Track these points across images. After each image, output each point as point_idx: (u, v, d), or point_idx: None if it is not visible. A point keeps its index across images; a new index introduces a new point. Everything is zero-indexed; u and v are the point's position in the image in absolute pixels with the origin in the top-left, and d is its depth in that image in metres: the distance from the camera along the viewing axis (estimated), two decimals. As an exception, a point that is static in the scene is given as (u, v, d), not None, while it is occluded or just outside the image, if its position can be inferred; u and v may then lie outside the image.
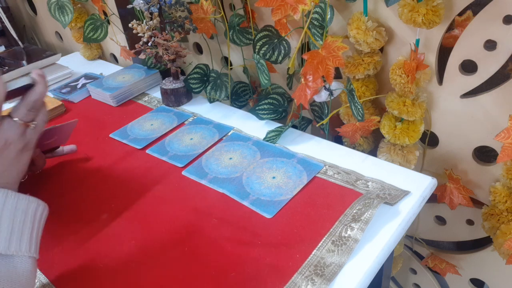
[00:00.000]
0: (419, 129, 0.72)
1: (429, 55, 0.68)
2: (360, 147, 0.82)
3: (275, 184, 0.65)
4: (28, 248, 0.46)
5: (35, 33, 1.54)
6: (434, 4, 0.59)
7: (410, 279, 1.05)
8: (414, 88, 0.67)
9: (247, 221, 0.59)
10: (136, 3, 0.79)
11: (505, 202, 0.68)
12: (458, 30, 0.64)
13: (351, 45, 0.73)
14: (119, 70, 1.06)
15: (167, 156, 0.75)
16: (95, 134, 0.85)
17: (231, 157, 0.73)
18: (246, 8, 0.84)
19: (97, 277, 0.54)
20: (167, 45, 0.85)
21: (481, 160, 0.74)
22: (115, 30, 1.10)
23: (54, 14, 1.05)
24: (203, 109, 0.90)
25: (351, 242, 0.53)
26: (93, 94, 1.01)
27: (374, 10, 0.70)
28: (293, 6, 0.62)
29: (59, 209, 0.66)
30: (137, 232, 0.60)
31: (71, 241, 0.60)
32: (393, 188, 0.62)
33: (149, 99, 0.97)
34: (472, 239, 0.83)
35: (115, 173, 0.73)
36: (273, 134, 0.76)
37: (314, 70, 0.63)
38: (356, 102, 0.67)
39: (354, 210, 0.58)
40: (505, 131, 0.58)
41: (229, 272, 0.52)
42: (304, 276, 0.50)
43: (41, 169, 0.72)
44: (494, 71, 0.63)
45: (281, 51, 0.78)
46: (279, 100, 0.83)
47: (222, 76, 0.90)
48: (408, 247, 0.98)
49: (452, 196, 0.77)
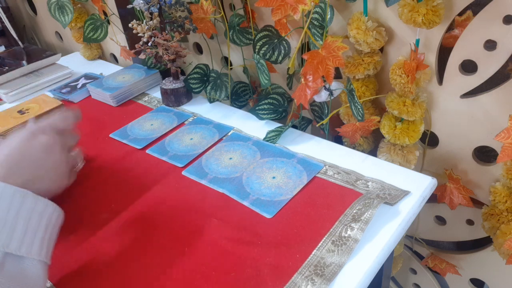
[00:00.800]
0: (419, 129, 0.72)
1: (429, 55, 0.68)
2: (360, 147, 0.82)
3: (275, 184, 0.65)
4: (39, 251, 0.46)
5: (35, 33, 1.54)
6: (434, 4, 0.59)
7: (410, 279, 1.05)
8: (414, 88, 0.67)
9: (247, 221, 0.59)
10: (136, 3, 0.80)
11: (505, 202, 0.68)
12: (458, 30, 0.64)
13: (351, 45, 0.73)
14: (119, 70, 1.06)
15: (167, 156, 0.75)
16: (95, 134, 0.85)
17: (231, 157, 0.73)
18: (246, 8, 0.84)
19: (97, 277, 0.54)
20: (167, 45, 0.85)
21: (481, 160, 0.74)
22: (115, 30, 1.10)
23: (54, 14, 1.05)
24: (203, 109, 0.90)
25: (351, 242, 0.53)
26: (93, 94, 1.01)
27: (374, 10, 0.70)
28: (293, 6, 0.62)
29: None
30: (137, 232, 0.60)
31: (71, 241, 0.60)
32: (393, 188, 0.62)
33: (149, 99, 0.97)
34: (472, 239, 0.83)
35: (115, 173, 0.73)
36: (273, 134, 0.76)
37: (314, 70, 0.63)
38: (356, 102, 0.67)
39: (354, 210, 0.58)
40: (505, 131, 0.58)
41: (229, 272, 0.52)
42: (304, 276, 0.50)
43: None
44: (494, 71, 0.63)
45: (281, 51, 0.78)
46: (279, 100, 0.83)
47: (222, 76, 0.91)
48: (408, 247, 0.98)
49: (452, 196, 0.77)
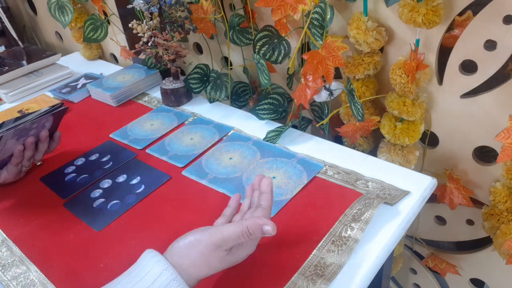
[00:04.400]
0: (419, 129, 0.72)
1: (429, 55, 0.68)
2: (360, 147, 0.82)
3: (275, 184, 0.65)
4: None
5: (35, 33, 1.54)
6: (434, 4, 0.59)
7: (410, 279, 1.05)
8: (414, 88, 0.67)
9: (247, 221, 0.59)
10: (136, 3, 0.80)
11: (505, 202, 0.68)
12: (458, 30, 0.64)
13: (351, 45, 0.73)
14: (119, 70, 1.06)
15: (167, 156, 0.75)
16: (95, 134, 0.85)
17: (231, 157, 0.73)
18: (246, 8, 0.84)
19: (97, 277, 0.54)
20: (167, 45, 0.85)
21: (481, 160, 0.74)
22: (115, 30, 1.10)
23: (54, 14, 1.05)
24: (203, 109, 0.90)
25: (351, 242, 0.53)
26: (93, 94, 1.01)
27: (374, 10, 0.70)
28: (293, 6, 0.62)
29: (60, 209, 0.66)
30: (137, 232, 0.60)
31: (71, 241, 0.60)
32: (393, 188, 0.62)
33: (149, 99, 0.97)
34: (472, 239, 0.83)
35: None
36: (273, 134, 0.76)
37: (314, 70, 0.63)
38: (356, 102, 0.67)
39: (354, 210, 0.58)
40: (505, 131, 0.58)
41: (229, 272, 0.52)
42: (304, 276, 0.50)
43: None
44: (494, 71, 0.63)
45: (281, 51, 0.78)
46: (279, 100, 0.83)
47: (222, 76, 0.90)
48: (408, 247, 0.98)
49: (452, 196, 0.77)
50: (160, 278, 0.41)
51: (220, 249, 0.44)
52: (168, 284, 0.41)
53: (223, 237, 0.43)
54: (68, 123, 0.89)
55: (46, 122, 0.69)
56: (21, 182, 0.73)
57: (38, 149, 0.70)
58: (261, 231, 0.44)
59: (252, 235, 0.44)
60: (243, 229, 0.43)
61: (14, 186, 0.72)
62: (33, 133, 0.68)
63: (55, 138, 0.73)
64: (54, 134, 0.73)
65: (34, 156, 0.70)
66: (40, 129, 0.69)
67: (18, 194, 0.70)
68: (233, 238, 0.43)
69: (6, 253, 0.59)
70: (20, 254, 0.58)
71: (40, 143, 0.70)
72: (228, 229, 0.44)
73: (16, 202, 0.68)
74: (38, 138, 0.69)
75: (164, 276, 0.41)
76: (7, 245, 0.60)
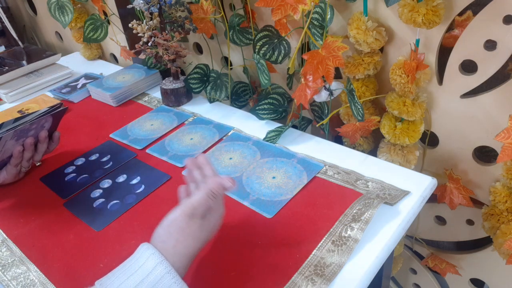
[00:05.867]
0: (419, 129, 0.72)
1: (429, 55, 0.68)
2: (360, 147, 0.82)
3: (275, 184, 0.65)
4: None
5: (35, 33, 1.54)
6: (434, 4, 0.59)
7: (410, 279, 1.05)
8: (414, 88, 0.67)
9: (247, 221, 0.59)
10: (136, 3, 0.80)
11: (505, 202, 0.68)
12: (458, 30, 0.64)
13: (351, 45, 0.73)
14: (119, 70, 1.06)
15: (167, 156, 0.75)
16: (95, 134, 0.85)
17: (231, 157, 0.73)
18: (246, 8, 0.84)
19: (97, 277, 0.54)
20: (167, 45, 0.85)
21: (481, 160, 0.74)
22: (115, 30, 1.10)
23: (54, 14, 1.05)
24: (203, 109, 0.90)
25: (351, 242, 0.53)
26: (93, 94, 1.01)
27: (374, 10, 0.70)
28: (293, 6, 0.62)
29: (60, 209, 0.66)
30: (137, 232, 0.60)
31: (71, 241, 0.60)
32: (393, 188, 0.62)
33: (149, 99, 0.97)
34: (472, 239, 0.83)
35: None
36: (273, 134, 0.76)
37: (314, 70, 0.63)
38: (356, 102, 0.67)
39: (354, 210, 0.58)
40: (505, 131, 0.58)
41: (229, 272, 0.52)
42: (304, 276, 0.50)
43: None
44: (494, 71, 0.63)
45: (281, 51, 0.78)
46: (279, 100, 0.83)
47: (222, 76, 0.90)
48: (408, 247, 0.98)
49: (452, 196, 0.77)
50: (154, 271, 0.41)
51: (195, 218, 0.46)
52: (162, 277, 0.41)
53: (192, 205, 0.46)
54: (68, 123, 0.89)
55: (45, 123, 0.69)
56: (21, 182, 0.73)
57: (37, 149, 0.70)
58: (222, 187, 0.48)
59: (216, 194, 0.48)
60: (207, 191, 0.47)
61: (14, 186, 0.72)
62: (32, 133, 0.68)
63: (54, 139, 0.73)
64: (53, 134, 0.73)
65: (33, 156, 0.71)
66: (39, 130, 0.69)
67: (18, 194, 0.70)
68: (201, 203, 0.47)
69: (6, 253, 0.59)
70: (20, 254, 0.58)
71: (39, 143, 0.70)
72: (195, 197, 0.47)
73: (16, 202, 0.68)
74: (37, 138, 0.69)
75: (158, 269, 0.41)
76: (7, 245, 0.60)
